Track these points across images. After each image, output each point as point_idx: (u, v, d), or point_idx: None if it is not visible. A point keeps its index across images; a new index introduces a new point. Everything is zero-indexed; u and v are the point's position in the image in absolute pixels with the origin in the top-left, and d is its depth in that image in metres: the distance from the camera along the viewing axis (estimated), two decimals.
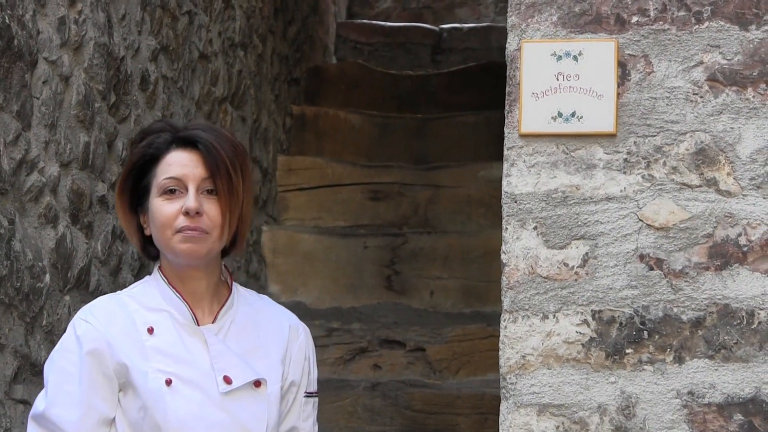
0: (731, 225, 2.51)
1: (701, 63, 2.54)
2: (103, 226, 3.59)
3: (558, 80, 2.56)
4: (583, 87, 2.55)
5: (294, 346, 2.47)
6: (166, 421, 2.30)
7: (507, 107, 2.59)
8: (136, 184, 2.42)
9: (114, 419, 2.34)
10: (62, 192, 3.31)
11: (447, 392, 4.67)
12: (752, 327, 2.48)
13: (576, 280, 2.54)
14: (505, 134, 2.59)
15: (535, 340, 2.53)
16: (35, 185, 3.13)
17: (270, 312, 2.50)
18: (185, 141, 2.40)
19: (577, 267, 2.54)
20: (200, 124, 2.50)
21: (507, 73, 2.60)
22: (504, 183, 2.58)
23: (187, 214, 2.34)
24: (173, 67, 4.25)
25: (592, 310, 2.53)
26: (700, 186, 2.53)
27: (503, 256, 2.56)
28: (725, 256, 2.50)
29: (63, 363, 2.35)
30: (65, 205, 3.32)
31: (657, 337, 2.51)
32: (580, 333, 2.52)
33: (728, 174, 2.52)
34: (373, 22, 8.30)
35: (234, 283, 2.48)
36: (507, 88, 2.59)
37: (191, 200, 2.34)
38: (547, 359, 2.53)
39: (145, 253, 2.47)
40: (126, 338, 2.35)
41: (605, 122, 2.55)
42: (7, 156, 2.99)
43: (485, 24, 8.22)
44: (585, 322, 2.53)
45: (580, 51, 2.56)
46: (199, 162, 2.37)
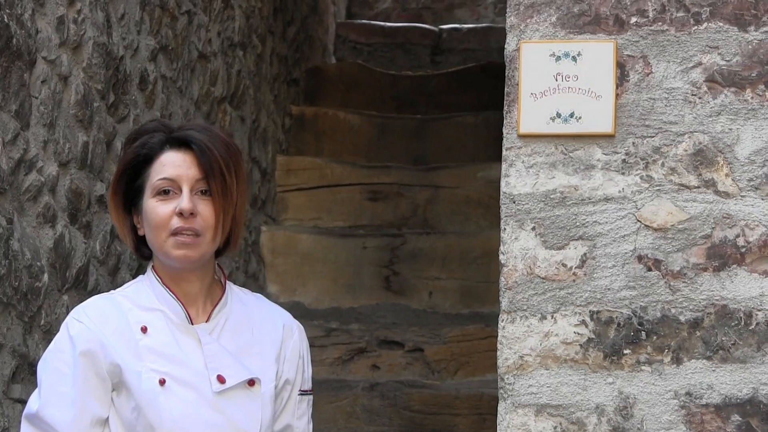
0: (729, 226, 2.51)
1: (700, 64, 2.54)
2: (102, 225, 3.58)
3: (557, 81, 2.56)
4: (582, 88, 2.55)
5: (288, 345, 2.47)
6: (159, 421, 2.30)
7: (506, 108, 2.59)
8: (130, 184, 2.41)
9: (107, 419, 2.34)
10: (61, 191, 3.31)
11: (445, 393, 4.67)
12: (750, 328, 2.48)
13: (574, 280, 2.54)
14: (504, 135, 2.59)
15: (533, 341, 2.53)
16: (34, 185, 3.13)
17: (264, 310, 2.50)
18: (179, 141, 2.40)
19: (576, 268, 2.54)
20: (194, 125, 2.50)
21: (506, 74, 2.60)
22: (502, 183, 2.58)
23: (181, 215, 2.34)
24: (172, 67, 4.25)
25: (590, 311, 2.53)
26: (699, 187, 2.53)
27: (501, 257, 2.56)
28: (723, 257, 2.50)
29: (56, 363, 2.35)
30: (64, 205, 3.32)
31: (655, 337, 2.51)
32: (578, 333, 2.52)
33: (726, 175, 2.52)
34: (373, 22, 8.30)
35: (228, 282, 2.48)
36: (506, 89, 2.59)
37: (185, 201, 2.34)
38: (545, 360, 2.53)
39: (138, 253, 2.47)
40: (119, 338, 2.35)
41: (604, 123, 2.55)
42: (6, 155, 2.99)
43: (484, 25, 8.22)
44: (583, 322, 2.53)
45: (579, 51, 2.56)
46: (193, 163, 2.37)
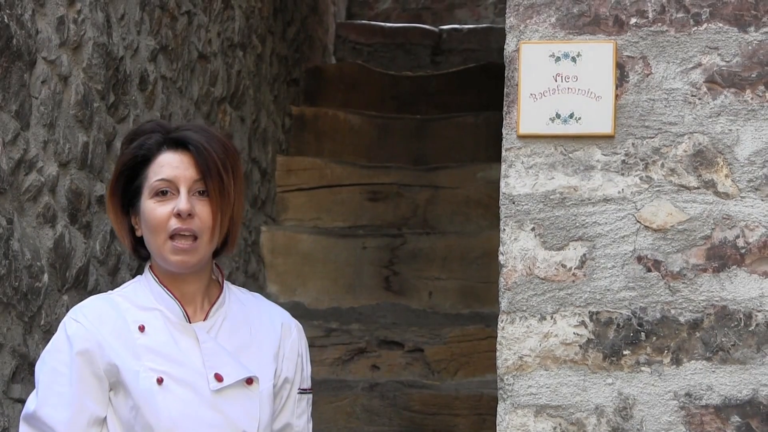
0: (729, 227, 2.51)
1: (700, 65, 2.54)
2: (102, 225, 3.59)
3: (556, 81, 2.56)
4: (582, 88, 2.55)
5: (287, 343, 2.47)
6: (157, 420, 2.30)
7: (505, 108, 2.59)
8: (127, 185, 2.42)
9: (105, 419, 2.34)
10: (61, 192, 3.31)
11: (445, 393, 4.67)
12: (750, 329, 2.48)
13: (574, 281, 2.54)
14: (503, 135, 2.59)
15: (532, 342, 2.53)
16: (34, 185, 3.13)
17: (262, 309, 2.50)
18: (176, 142, 2.40)
19: (575, 268, 2.54)
20: (191, 125, 2.50)
21: (505, 74, 2.60)
22: (502, 184, 2.58)
23: (179, 216, 2.34)
24: (172, 67, 4.25)
25: (589, 312, 2.53)
26: (698, 188, 2.53)
27: (501, 257, 2.56)
28: (723, 257, 2.50)
29: (54, 363, 2.35)
30: (64, 205, 3.32)
31: (654, 338, 2.51)
32: (578, 334, 2.52)
33: (726, 176, 2.52)
34: (373, 22, 8.30)
35: (226, 282, 2.48)
36: (505, 89, 2.59)
37: (183, 202, 2.35)
38: (544, 360, 2.53)
39: (136, 254, 2.47)
40: (117, 338, 2.35)
41: (603, 124, 2.55)
42: (6, 155, 2.99)
43: (485, 25, 8.22)
44: (582, 323, 2.53)
45: (579, 52, 2.56)
46: (191, 163, 2.37)
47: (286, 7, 6.26)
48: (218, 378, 2.34)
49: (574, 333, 2.53)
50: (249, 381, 2.38)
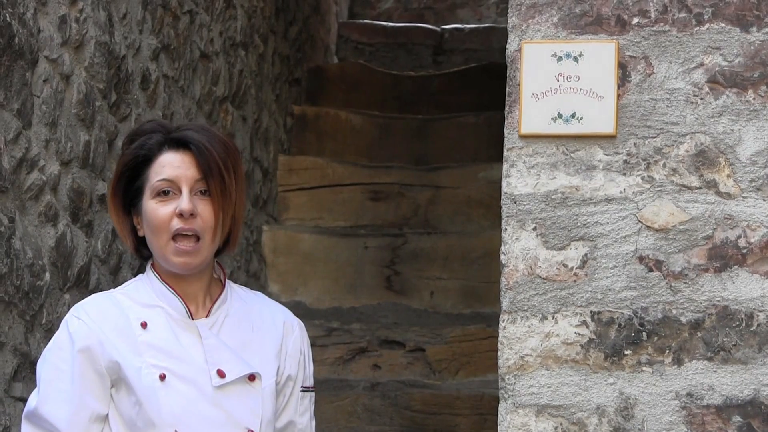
0: (731, 227, 2.51)
1: (702, 65, 2.54)
2: (103, 224, 3.59)
3: (558, 81, 2.56)
4: (584, 88, 2.55)
5: (289, 341, 2.47)
6: (159, 416, 2.30)
7: (507, 108, 2.59)
8: (129, 185, 2.42)
9: (107, 416, 2.34)
10: (62, 190, 3.31)
11: (446, 393, 4.67)
12: (751, 329, 2.48)
13: (575, 281, 2.54)
14: (505, 135, 2.59)
15: (533, 341, 2.53)
16: (35, 183, 3.13)
17: (264, 308, 2.50)
18: (177, 142, 2.40)
19: (577, 268, 2.54)
20: (192, 125, 2.50)
21: (507, 74, 2.60)
22: (503, 184, 2.58)
23: (181, 216, 2.35)
24: (174, 67, 4.25)
25: (591, 312, 2.53)
26: (700, 188, 2.53)
27: (502, 257, 2.56)
28: (725, 257, 2.50)
29: (55, 360, 2.35)
30: (65, 204, 3.32)
31: (656, 338, 2.51)
32: (579, 334, 2.52)
33: (728, 176, 2.52)
34: (375, 22, 8.30)
35: (227, 281, 2.48)
36: (507, 89, 2.59)
37: (185, 202, 2.35)
38: (545, 360, 2.53)
39: (138, 254, 2.47)
40: (119, 335, 2.35)
41: (605, 123, 2.55)
42: (8, 154, 2.99)
43: (487, 25, 8.22)
44: (584, 323, 2.53)
45: (581, 52, 2.56)
46: (192, 163, 2.37)
47: (288, 6, 6.26)
48: (221, 374, 2.34)
49: (575, 333, 2.52)
50: (251, 378, 2.38)
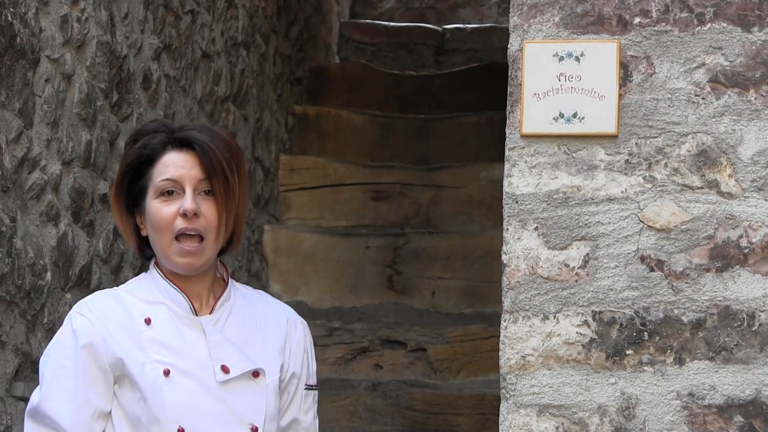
0: (732, 227, 2.51)
1: (703, 64, 2.54)
2: (105, 224, 3.59)
3: (560, 81, 2.56)
4: (585, 88, 2.55)
5: (293, 339, 2.48)
6: (163, 411, 2.30)
7: (508, 108, 2.59)
8: (132, 185, 2.42)
9: (110, 412, 2.35)
10: (64, 190, 3.31)
11: (448, 392, 4.67)
12: (753, 329, 2.48)
13: (577, 281, 2.54)
14: (507, 135, 2.59)
15: (535, 341, 2.53)
16: (37, 183, 3.13)
17: (267, 306, 2.51)
18: (181, 142, 2.40)
19: (578, 268, 2.54)
20: (195, 125, 2.50)
21: (509, 74, 2.59)
22: (505, 183, 2.58)
23: (184, 216, 2.35)
24: (176, 66, 4.26)
25: (592, 311, 2.53)
26: (702, 188, 2.52)
27: (504, 257, 2.56)
28: (726, 257, 2.50)
29: (58, 357, 2.35)
30: (67, 204, 3.32)
31: (657, 338, 2.51)
32: (581, 334, 2.52)
33: (730, 176, 2.52)
34: (376, 22, 8.30)
35: (230, 279, 2.49)
36: (509, 89, 2.59)
37: (188, 202, 2.35)
38: (547, 360, 2.53)
39: (141, 254, 2.47)
40: (122, 331, 2.35)
41: (607, 123, 2.55)
42: (9, 154, 2.99)
43: (488, 24, 8.22)
44: (585, 323, 2.53)
45: (582, 52, 2.56)
46: (195, 163, 2.38)
47: (290, 6, 6.26)
48: (225, 369, 2.35)
49: (576, 332, 2.52)
50: (255, 374, 2.38)
